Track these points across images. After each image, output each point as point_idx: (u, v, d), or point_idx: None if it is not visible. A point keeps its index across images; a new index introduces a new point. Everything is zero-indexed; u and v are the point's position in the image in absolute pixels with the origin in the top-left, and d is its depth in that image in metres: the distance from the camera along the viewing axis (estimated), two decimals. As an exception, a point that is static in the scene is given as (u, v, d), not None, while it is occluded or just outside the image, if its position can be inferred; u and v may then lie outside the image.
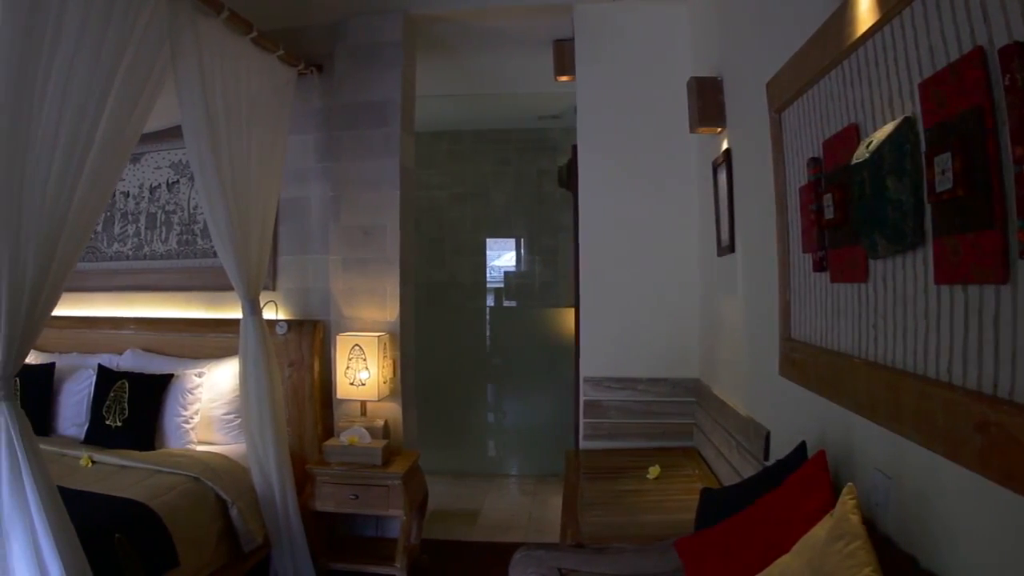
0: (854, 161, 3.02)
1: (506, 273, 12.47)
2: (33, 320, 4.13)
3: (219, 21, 5.74)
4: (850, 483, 2.73)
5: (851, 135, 3.21)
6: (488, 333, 11.37)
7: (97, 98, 4.34)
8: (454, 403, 10.59)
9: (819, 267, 3.68)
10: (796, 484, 3.26)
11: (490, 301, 12.36)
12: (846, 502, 2.64)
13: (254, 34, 6.21)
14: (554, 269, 12.07)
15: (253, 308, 6.54)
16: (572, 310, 9.87)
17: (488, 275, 12.36)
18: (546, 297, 12.06)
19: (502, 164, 12.20)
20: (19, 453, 3.99)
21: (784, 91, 4.09)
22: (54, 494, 4.13)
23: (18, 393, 4.40)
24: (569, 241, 11.65)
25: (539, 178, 12.03)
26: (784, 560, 2.81)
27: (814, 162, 3.67)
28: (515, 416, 11.11)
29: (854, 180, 3.06)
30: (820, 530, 2.71)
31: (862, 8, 3.01)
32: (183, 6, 5.32)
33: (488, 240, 12.33)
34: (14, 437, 3.99)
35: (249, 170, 6.31)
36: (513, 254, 12.60)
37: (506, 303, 12.49)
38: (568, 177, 9.87)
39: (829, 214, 3.37)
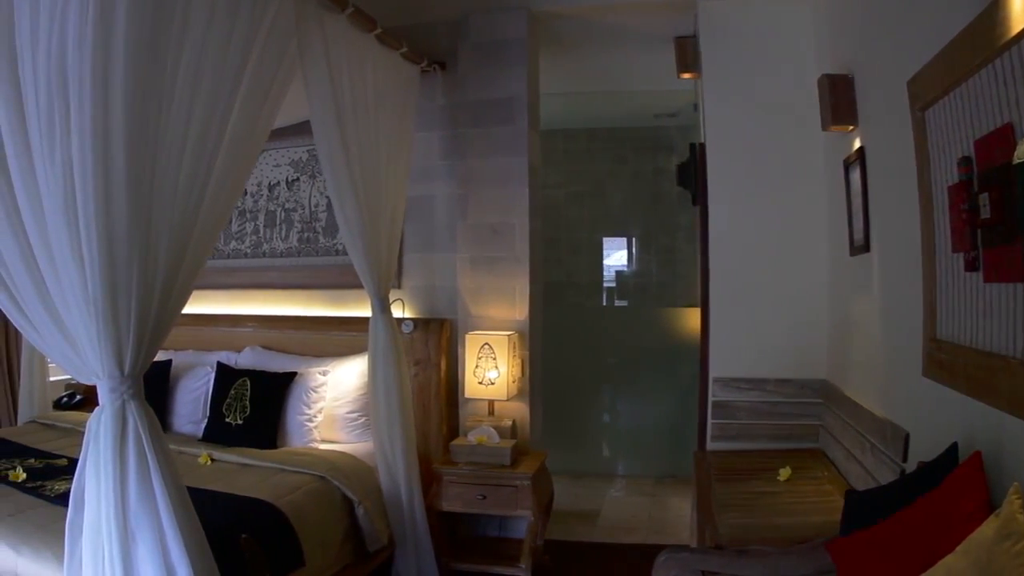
0: (1015, 160, 3.00)
1: (617, 272, 12.49)
2: (163, 319, 4.14)
3: (344, 18, 5.76)
4: (1016, 483, 2.73)
5: (1007, 134, 3.13)
6: (605, 333, 11.22)
7: (226, 95, 4.36)
8: (571, 403, 10.49)
9: (971, 267, 3.57)
10: (952, 485, 3.25)
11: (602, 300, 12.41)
12: (1013, 501, 2.61)
13: (378, 31, 6.23)
14: (671, 269, 12.02)
15: (383, 306, 6.57)
16: (692, 310, 9.85)
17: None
18: (663, 297, 12.00)
19: (618, 163, 12.17)
20: (148, 452, 3.98)
21: (928, 89, 4.03)
22: (183, 494, 4.12)
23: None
24: (685, 241, 11.67)
25: (655, 177, 11.97)
26: (948, 560, 2.77)
27: (965, 161, 3.57)
28: (630, 417, 11.00)
29: (1014, 179, 3.03)
30: (987, 529, 2.67)
31: (1016, 8, 3.00)
32: (309, 3, 5.34)
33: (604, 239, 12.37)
34: (143, 435, 3.99)
35: (378, 167, 6.33)
36: (624, 253, 12.61)
37: (617, 303, 12.51)
38: (687, 176, 9.89)
39: (985, 214, 3.28)
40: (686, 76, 7.94)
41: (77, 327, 3.96)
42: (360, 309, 7.52)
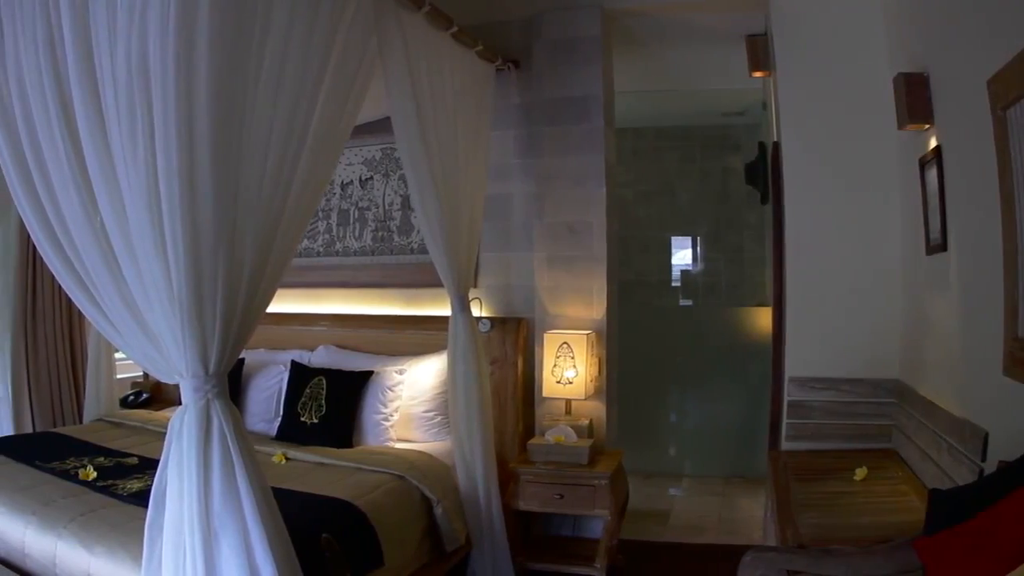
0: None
1: (683, 271, 12.46)
2: (248, 317, 4.11)
3: (420, 16, 5.70)
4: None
5: (1091, 135, 3.15)
6: (673, 332, 11.12)
7: (309, 93, 4.32)
8: (641, 403, 10.34)
9: (1054, 266, 3.59)
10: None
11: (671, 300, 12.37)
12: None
13: (454, 29, 6.17)
14: (739, 268, 11.97)
15: (462, 305, 6.53)
16: (761, 310, 9.82)
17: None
18: (730, 296, 11.96)
19: (686, 161, 12.15)
20: (232, 451, 3.96)
21: (1010, 88, 3.96)
22: (267, 493, 4.08)
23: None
24: (753, 240, 11.64)
25: (723, 175, 11.94)
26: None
27: (1048, 159, 3.60)
28: (699, 416, 10.90)
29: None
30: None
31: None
32: (387, 1, 5.31)
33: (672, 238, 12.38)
34: (227, 434, 3.97)
35: (457, 165, 6.28)
36: (688, 252, 12.59)
37: (682, 302, 12.49)
38: (755, 174, 9.86)
39: (1069, 213, 3.32)
40: (757, 74, 7.87)
41: (160, 326, 3.94)
42: (434, 308, 7.53)
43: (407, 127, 5.76)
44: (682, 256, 12.51)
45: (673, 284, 12.41)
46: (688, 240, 12.52)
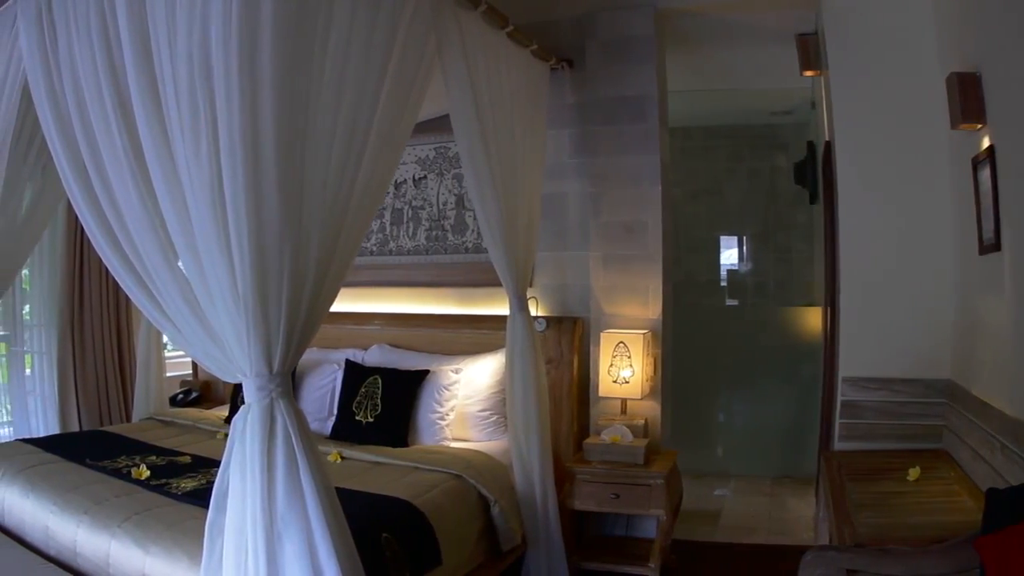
0: None
1: (729, 271, 12.38)
2: (312, 316, 4.10)
3: (477, 14, 5.67)
4: None
5: None
6: (722, 331, 11.08)
7: (371, 91, 4.30)
8: (690, 403, 10.16)
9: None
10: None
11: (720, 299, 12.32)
12: None
13: (510, 28, 6.14)
14: (788, 267, 11.89)
15: (521, 304, 6.49)
16: (810, 309, 9.77)
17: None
18: (779, 296, 11.87)
19: (734, 161, 12.05)
20: (296, 451, 3.92)
21: None
22: (332, 494, 4.04)
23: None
24: (801, 240, 11.57)
25: (771, 175, 11.86)
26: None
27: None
28: (747, 416, 10.88)
29: None
30: None
31: None
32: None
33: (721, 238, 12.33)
34: (291, 434, 3.92)
35: (515, 164, 6.25)
36: (734, 251, 12.53)
37: (728, 302, 12.39)
38: (804, 174, 9.81)
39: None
40: (808, 73, 7.86)
41: (223, 325, 3.94)
42: (487, 307, 7.52)
43: (467, 126, 5.71)
44: (728, 256, 12.44)
45: (721, 284, 12.34)
46: (733, 240, 12.45)
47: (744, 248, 12.38)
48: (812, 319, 9.78)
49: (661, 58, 7.58)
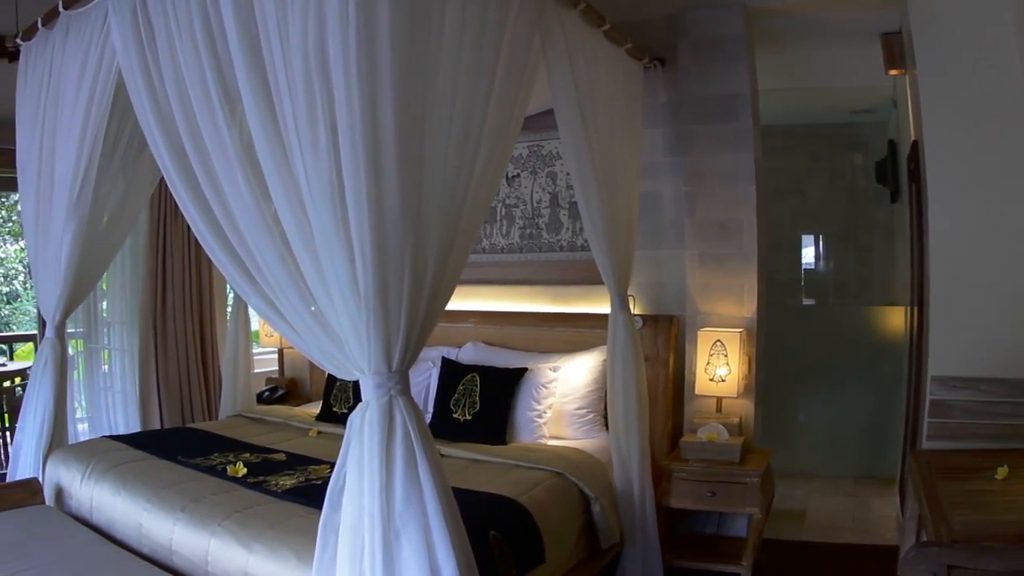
0: None
1: (807, 270, 12.28)
2: (431, 313, 4.07)
3: (576, 13, 5.62)
4: None
5: None
6: (804, 331, 10.89)
7: (484, 88, 4.28)
8: (772, 401, 10.10)
9: None
10: None
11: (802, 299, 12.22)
12: None
13: (606, 27, 6.08)
14: (869, 266, 11.77)
15: (622, 302, 6.42)
16: (892, 309, 9.67)
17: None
18: (860, 295, 11.76)
19: (815, 159, 11.96)
20: (416, 449, 3.88)
21: None
22: (449, 492, 3.99)
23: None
24: (882, 239, 11.48)
25: (852, 174, 11.79)
26: None
27: None
28: (829, 416, 10.68)
29: None
30: None
31: None
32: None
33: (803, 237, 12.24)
34: (411, 432, 3.89)
35: (615, 163, 6.17)
36: (812, 250, 12.43)
37: (806, 301, 12.31)
38: (886, 173, 9.72)
39: None
40: (893, 72, 7.78)
41: (342, 323, 3.91)
42: (582, 305, 7.50)
43: (571, 124, 5.67)
44: (806, 255, 12.35)
45: (801, 283, 12.25)
46: (811, 239, 12.36)
47: (820, 247, 12.29)
48: (894, 319, 9.66)
49: (751, 57, 7.51)
